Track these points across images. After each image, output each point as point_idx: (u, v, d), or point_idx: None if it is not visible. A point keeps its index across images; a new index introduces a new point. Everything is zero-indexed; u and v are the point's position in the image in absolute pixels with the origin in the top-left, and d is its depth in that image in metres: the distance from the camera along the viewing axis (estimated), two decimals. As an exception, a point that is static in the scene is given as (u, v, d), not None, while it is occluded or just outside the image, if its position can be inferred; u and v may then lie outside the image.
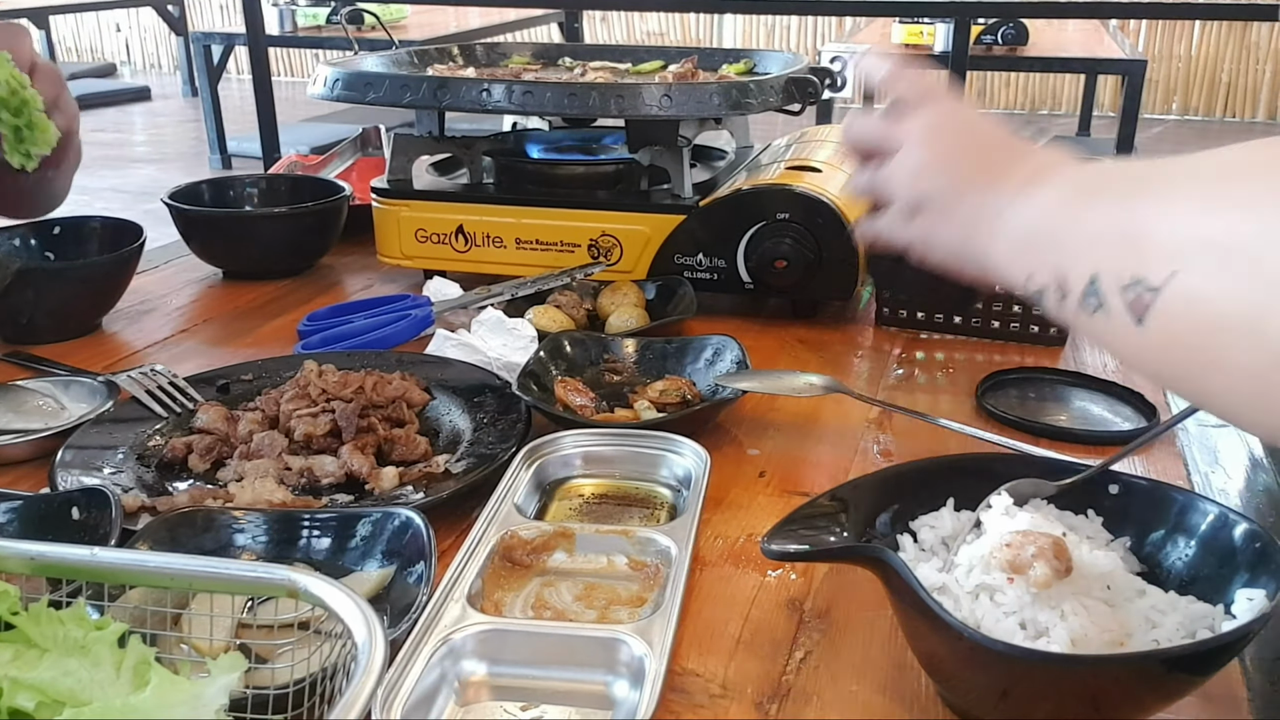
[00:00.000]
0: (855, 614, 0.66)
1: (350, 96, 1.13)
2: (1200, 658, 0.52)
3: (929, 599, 0.52)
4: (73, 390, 0.93)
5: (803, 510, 0.61)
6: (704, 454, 0.76)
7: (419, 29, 4.84)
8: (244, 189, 1.37)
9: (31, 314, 1.07)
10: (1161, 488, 0.63)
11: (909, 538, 0.62)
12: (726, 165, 1.27)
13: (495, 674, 0.59)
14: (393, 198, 1.18)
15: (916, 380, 1.00)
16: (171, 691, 0.49)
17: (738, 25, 7.62)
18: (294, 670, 0.54)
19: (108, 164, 6.01)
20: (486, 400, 0.89)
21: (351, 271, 1.30)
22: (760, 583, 0.69)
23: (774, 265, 1.07)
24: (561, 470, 0.79)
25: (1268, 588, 0.54)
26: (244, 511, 0.71)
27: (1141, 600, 0.56)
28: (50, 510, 0.70)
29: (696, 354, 0.95)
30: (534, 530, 0.70)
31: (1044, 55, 4.21)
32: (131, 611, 0.56)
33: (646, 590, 0.66)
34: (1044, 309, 0.56)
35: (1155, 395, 0.95)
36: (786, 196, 1.07)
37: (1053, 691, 0.52)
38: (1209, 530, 0.59)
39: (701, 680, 0.60)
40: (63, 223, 1.18)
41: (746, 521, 0.76)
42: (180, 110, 7.49)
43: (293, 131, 5.33)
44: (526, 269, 1.14)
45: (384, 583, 0.66)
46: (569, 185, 1.19)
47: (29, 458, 0.84)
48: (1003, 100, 7.21)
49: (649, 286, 1.11)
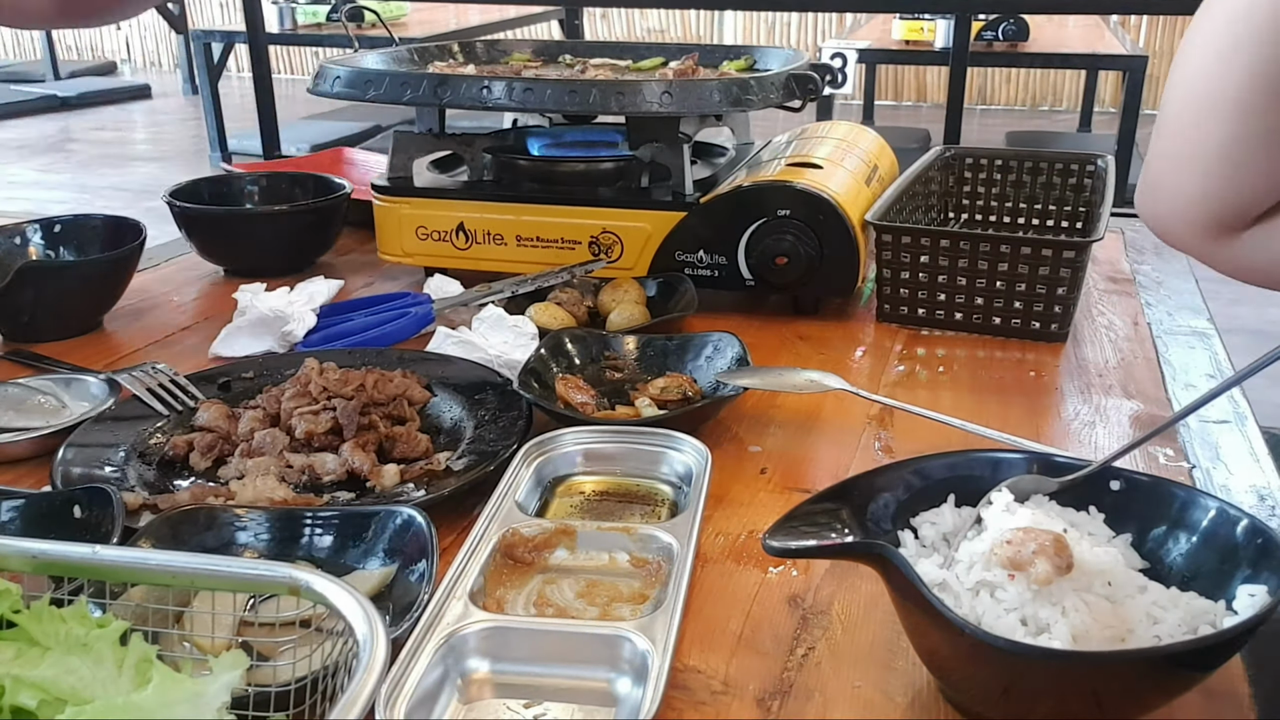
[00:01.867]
0: (857, 610, 0.66)
1: (351, 94, 1.13)
2: (1202, 654, 0.52)
3: (930, 595, 0.52)
4: (74, 388, 0.93)
5: (804, 507, 0.61)
6: (705, 451, 0.76)
7: (419, 26, 4.84)
8: (244, 186, 1.37)
9: (33, 312, 1.07)
10: (1163, 484, 0.63)
11: (910, 534, 0.62)
12: (727, 162, 1.27)
13: (498, 671, 0.59)
14: (394, 195, 1.17)
15: (918, 376, 1.00)
16: (173, 689, 0.49)
17: (738, 22, 7.63)
18: (296, 668, 0.54)
19: (108, 162, 6.01)
20: (487, 398, 0.89)
21: (352, 269, 1.30)
22: (762, 579, 0.69)
23: (775, 262, 1.07)
24: (563, 467, 0.79)
25: (1269, 583, 0.54)
26: (245, 509, 0.71)
27: (1143, 596, 0.56)
28: (52, 508, 0.70)
29: (697, 351, 0.95)
30: (535, 527, 0.70)
31: (1045, 51, 4.21)
32: (133, 609, 0.56)
33: (648, 587, 0.66)
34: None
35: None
36: (787, 193, 1.07)
37: (1054, 688, 0.52)
38: (1210, 526, 0.59)
39: (704, 677, 0.60)
40: (64, 221, 1.18)
41: (748, 518, 0.76)
42: (180, 108, 7.49)
43: (293, 129, 5.33)
44: (527, 266, 1.14)
45: (386, 581, 0.66)
46: (570, 182, 1.18)
47: (30, 455, 0.85)
48: (1003, 97, 7.21)
49: (650, 283, 1.11)
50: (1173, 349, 1.05)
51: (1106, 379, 0.98)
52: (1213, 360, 1.02)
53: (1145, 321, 1.12)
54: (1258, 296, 4.15)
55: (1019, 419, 0.90)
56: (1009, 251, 1.04)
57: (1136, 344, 1.06)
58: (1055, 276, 1.03)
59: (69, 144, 6.59)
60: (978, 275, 1.06)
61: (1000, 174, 1.34)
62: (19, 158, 6.22)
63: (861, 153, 1.23)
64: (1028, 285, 1.05)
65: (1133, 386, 0.97)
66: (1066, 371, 1.00)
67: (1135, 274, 1.28)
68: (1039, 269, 1.04)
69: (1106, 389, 0.96)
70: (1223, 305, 1.34)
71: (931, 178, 1.28)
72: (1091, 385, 0.97)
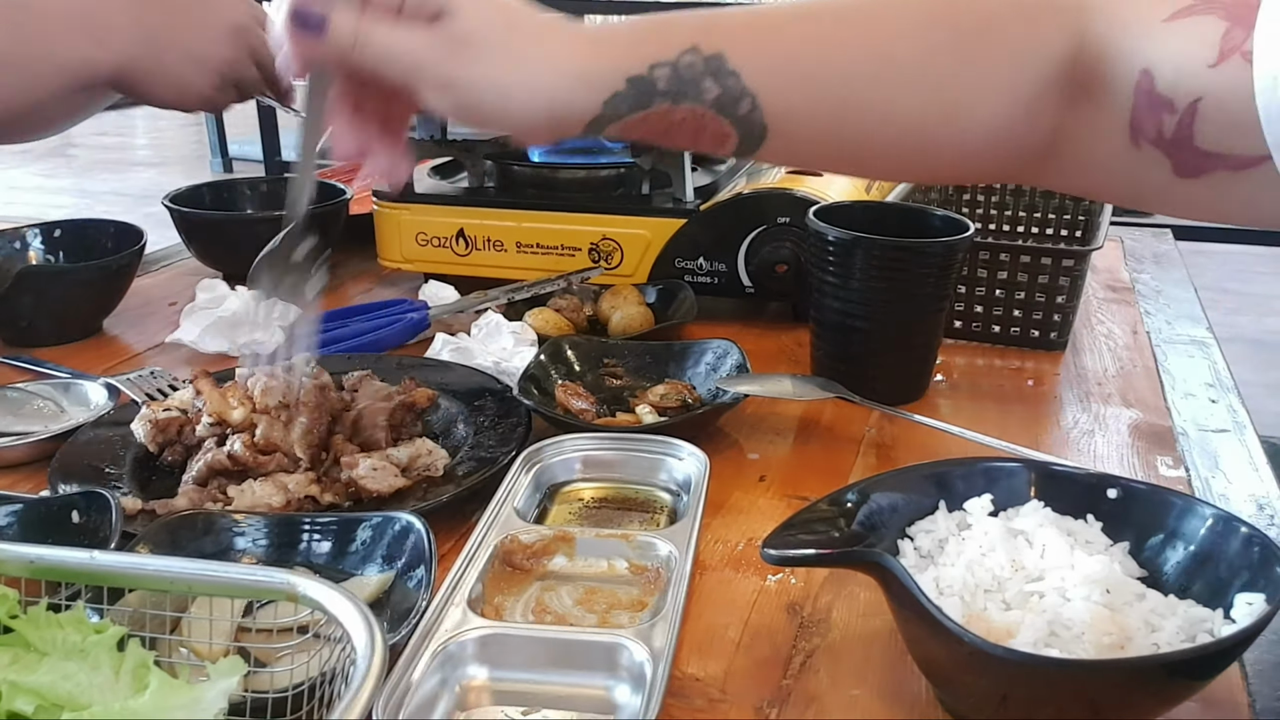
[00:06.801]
0: (855, 618, 0.66)
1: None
2: (1200, 662, 0.52)
3: (928, 603, 0.52)
4: (73, 393, 0.93)
5: (803, 514, 0.61)
6: (704, 458, 0.76)
7: (420, 33, 4.83)
8: (244, 192, 1.37)
9: (32, 316, 1.07)
10: (1160, 492, 0.63)
11: (909, 542, 0.62)
12: (727, 169, 1.27)
13: (496, 678, 0.59)
14: (393, 201, 1.18)
15: (917, 384, 1.00)
16: (171, 695, 0.49)
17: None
18: (293, 674, 0.54)
19: (109, 167, 6.02)
20: (486, 404, 0.89)
21: (351, 275, 1.30)
22: (760, 587, 0.69)
23: (775, 269, 1.07)
24: (561, 474, 0.79)
25: (1267, 592, 0.54)
26: (244, 515, 0.71)
27: (1141, 604, 0.56)
28: (50, 513, 0.70)
29: (697, 358, 0.95)
30: (534, 534, 0.70)
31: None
32: (131, 615, 0.56)
33: (647, 594, 0.66)
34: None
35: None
36: (787, 201, 1.07)
37: (1052, 696, 0.52)
38: (1208, 534, 0.59)
39: (702, 684, 0.60)
40: (64, 225, 1.19)
41: (747, 526, 0.76)
42: (181, 114, 7.50)
43: (294, 135, 5.33)
44: (527, 273, 1.14)
45: (384, 587, 0.66)
46: (570, 189, 1.19)
47: (28, 460, 0.85)
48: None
49: (650, 290, 1.11)
50: (1172, 358, 1.05)
51: (1105, 387, 0.98)
52: (1212, 369, 1.02)
53: (1144, 330, 1.12)
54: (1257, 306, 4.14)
55: (1018, 427, 0.90)
56: (1008, 260, 1.05)
57: (1135, 353, 1.06)
58: (1054, 285, 1.03)
59: (70, 149, 6.60)
60: (976, 283, 1.06)
61: (999, 182, 1.34)
62: (20, 162, 6.23)
63: (861, 160, 1.23)
64: (1027, 293, 1.05)
65: (1132, 395, 0.97)
66: (1065, 380, 1.00)
67: (1134, 283, 1.28)
68: (1038, 277, 1.04)
69: (1105, 397, 0.96)
70: (1222, 314, 1.34)
71: (931, 185, 1.29)
72: (1090, 394, 0.97)
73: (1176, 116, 0.59)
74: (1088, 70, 0.62)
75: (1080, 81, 0.62)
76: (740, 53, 0.62)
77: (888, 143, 0.65)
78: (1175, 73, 0.58)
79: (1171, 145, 0.59)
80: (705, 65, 0.61)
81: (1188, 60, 0.58)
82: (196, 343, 1.05)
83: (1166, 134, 0.59)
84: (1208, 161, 0.59)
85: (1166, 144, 0.60)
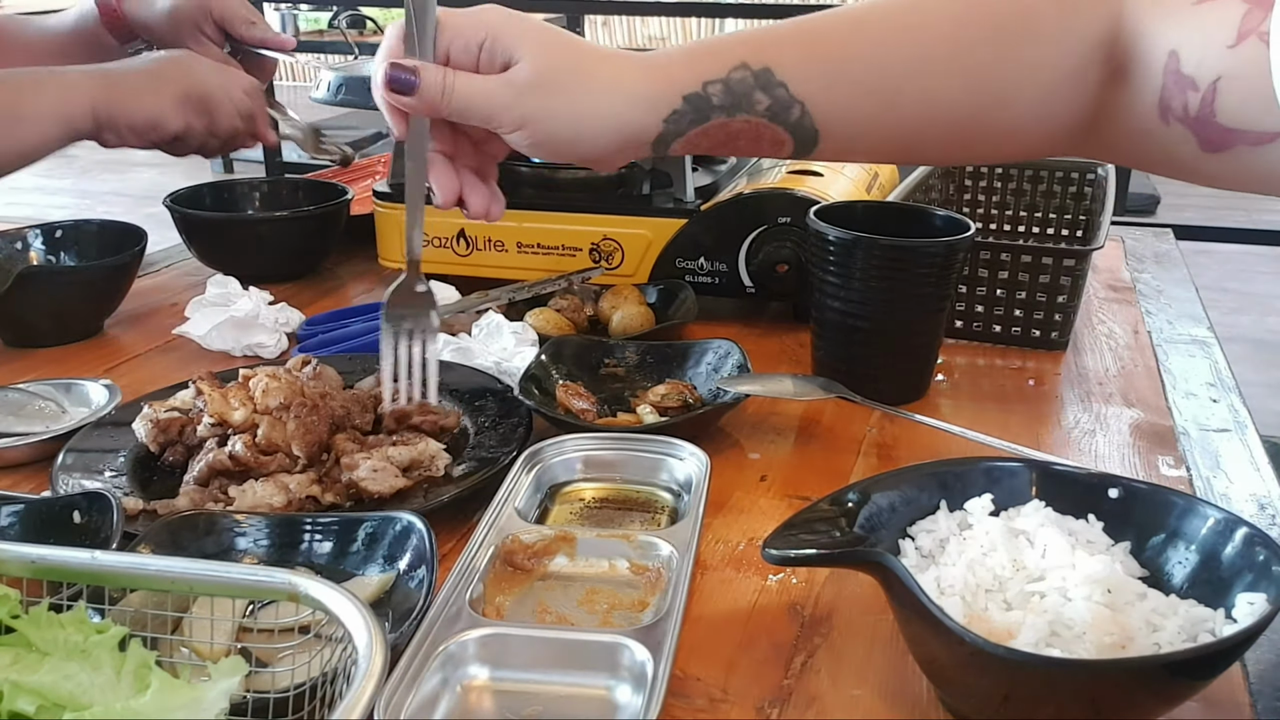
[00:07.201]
0: (857, 618, 0.66)
1: (352, 101, 1.14)
2: (1201, 662, 0.52)
3: (930, 603, 0.52)
4: (74, 393, 0.93)
5: (803, 514, 0.61)
6: (705, 458, 0.76)
7: (421, 33, 4.84)
8: (245, 193, 1.37)
9: (32, 317, 1.07)
10: (1162, 492, 0.63)
11: (910, 542, 0.62)
12: (728, 169, 1.27)
13: (497, 679, 0.59)
14: (395, 202, 1.18)
15: (918, 384, 1.00)
16: (172, 695, 0.49)
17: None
18: (294, 674, 0.54)
19: (110, 168, 6.02)
20: (487, 404, 0.89)
21: (353, 276, 1.30)
22: (761, 587, 0.69)
23: (775, 269, 1.07)
24: (562, 474, 0.79)
25: (1269, 592, 0.54)
26: (245, 515, 0.71)
27: (1142, 604, 0.56)
28: (51, 513, 0.70)
29: (698, 358, 0.95)
30: (535, 534, 0.70)
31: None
32: (132, 615, 0.56)
33: (648, 594, 0.66)
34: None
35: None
36: (788, 201, 1.07)
37: (1053, 696, 0.52)
38: (1210, 534, 0.59)
39: (703, 685, 0.60)
40: (65, 226, 1.19)
41: (748, 526, 0.76)
42: (182, 114, 7.48)
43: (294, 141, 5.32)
44: (528, 273, 1.14)
45: (385, 587, 0.66)
46: (570, 189, 1.19)
47: (30, 461, 0.85)
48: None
49: (650, 290, 1.11)
50: (1173, 357, 1.05)
51: (1107, 387, 0.98)
52: (1213, 369, 1.02)
53: (1145, 330, 1.12)
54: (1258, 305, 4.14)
55: (1019, 427, 0.90)
56: (1009, 260, 1.05)
57: (1137, 352, 1.06)
58: (1055, 285, 1.03)
59: (70, 149, 6.58)
60: (978, 283, 1.06)
61: (1000, 182, 1.34)
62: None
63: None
64: (1028, 293, 1.05)
65: (1133, 395, 0.97)
66: (1067, 380, 1.00)
67: (1135, 282, 1.28)
68: (1039, 277, 1.04)
69: (1107, 397, 0.96)
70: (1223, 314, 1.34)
71: (932, 185, 1.29)
72: (1092, 393, 0.97)
73: (1200, 95, 0.61)
74: (1124, 52, 0.65)
75: (1116, 63, 0.66)
76: (786, 64, 0.67)
77: (937, 135, 0.70)
78: (1198, 53, 0.61)
79: (1196, 122, 0.62)
80: (755, 79, 0.67)
81: (1209, 41, 0.61)
82: (204, 339, 1.05)
83: (1191, 111, 0.62)
84: (1230, 137, 0.61)
85: (1192, 121, 0.62)
